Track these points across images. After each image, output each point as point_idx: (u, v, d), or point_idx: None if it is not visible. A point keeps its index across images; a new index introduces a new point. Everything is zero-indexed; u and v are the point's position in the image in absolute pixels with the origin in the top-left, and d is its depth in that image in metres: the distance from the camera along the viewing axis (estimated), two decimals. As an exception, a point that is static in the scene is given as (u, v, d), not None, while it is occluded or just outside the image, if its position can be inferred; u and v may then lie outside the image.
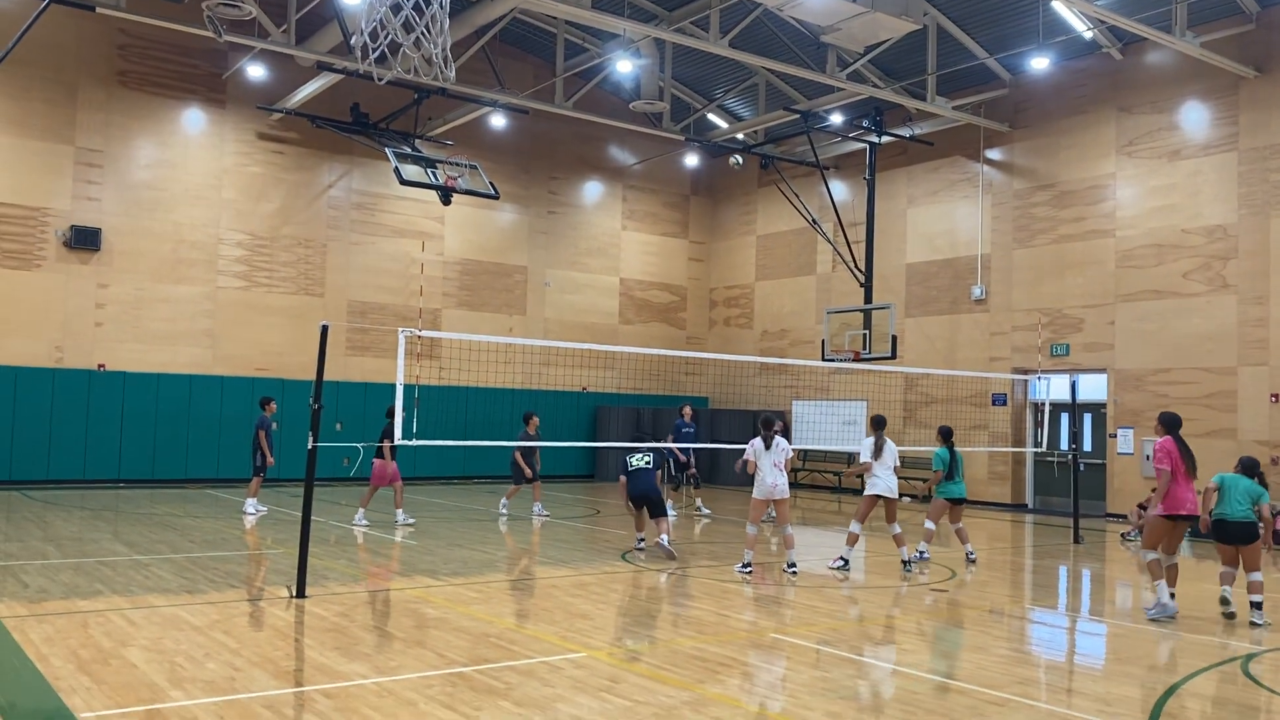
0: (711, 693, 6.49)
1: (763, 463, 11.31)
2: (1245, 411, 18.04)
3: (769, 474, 11.28)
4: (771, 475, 11.28)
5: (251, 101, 22.28)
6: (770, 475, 11.28)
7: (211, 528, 14.35)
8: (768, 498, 11.33)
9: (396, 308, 23.99)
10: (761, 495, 11.34)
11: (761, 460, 11.32)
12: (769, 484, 11.27)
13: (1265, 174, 17.99)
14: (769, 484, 11.27)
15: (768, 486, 11.28)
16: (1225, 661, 7.75)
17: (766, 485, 11.27)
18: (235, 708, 5.84)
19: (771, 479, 11.26)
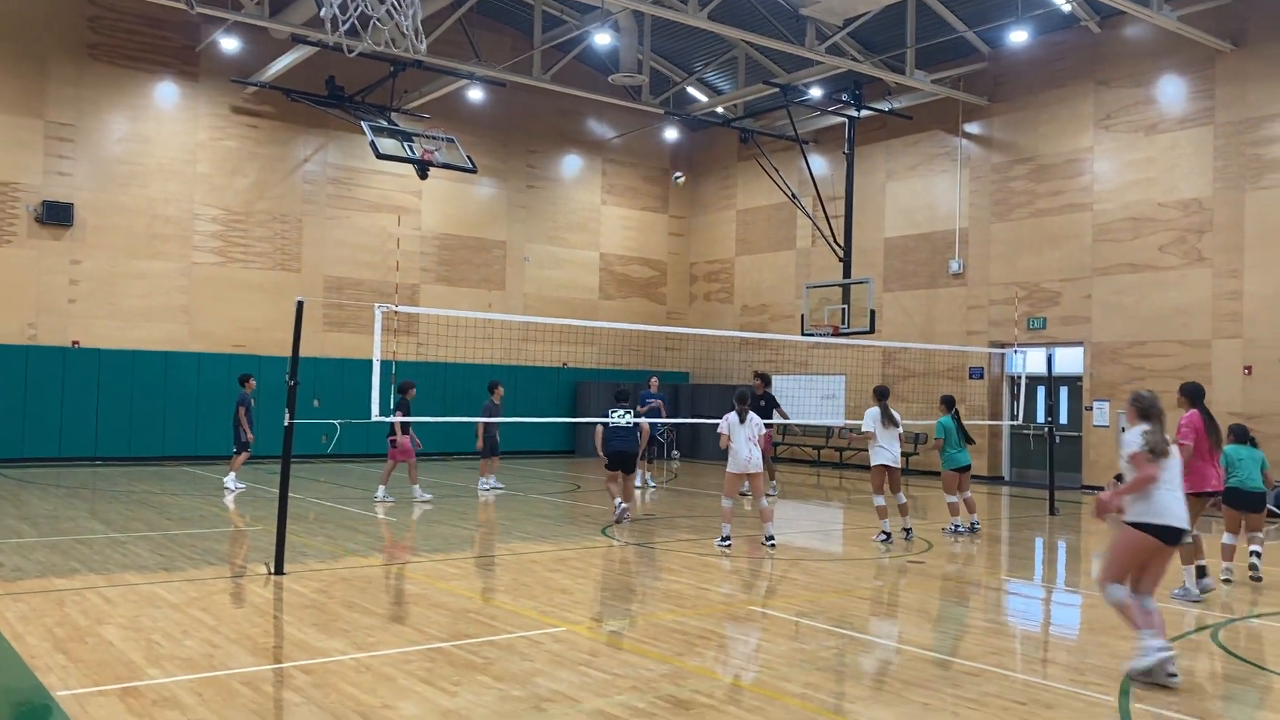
0: (691, 665, 6.53)
1: (737, 437, 11.36)
2: (1219, 384, 18.21)
3: (743, 448, 11.31)
4: (746, 449, 11.31)
5: (225, 75, 22.00)
6: (745, 449, 11.30)
7: (189, 505, 14.29)
8: (742, 472, 11.38)
9: (374, 283, 23.85)
10: (736, 469, 11.38)
11: (736, 435, 11.37)
12: (743, 458, 11.30)
13: (1240, 148, 18.09)
14: (743, 458, 11.30)
15: (742, 460, 11.30)
16: (1196, 630, 7.86)
17: (741, 459, 11.30)
18: (213, 685, 5.83)
19: (746, 453, 11.29)
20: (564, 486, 18.73)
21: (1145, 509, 6.39)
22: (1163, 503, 6.40)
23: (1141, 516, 6.39)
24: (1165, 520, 6.35)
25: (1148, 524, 6.37)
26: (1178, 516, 6.40)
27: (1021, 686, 6.23)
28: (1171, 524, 6.35)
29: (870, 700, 5.87)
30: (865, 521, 14.86)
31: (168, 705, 5.43)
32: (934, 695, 5.97)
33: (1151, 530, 6.36)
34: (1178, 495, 6.49)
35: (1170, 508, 6.39)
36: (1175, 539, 6.41)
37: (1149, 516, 6.38)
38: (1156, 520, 6.37)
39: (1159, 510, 6.36)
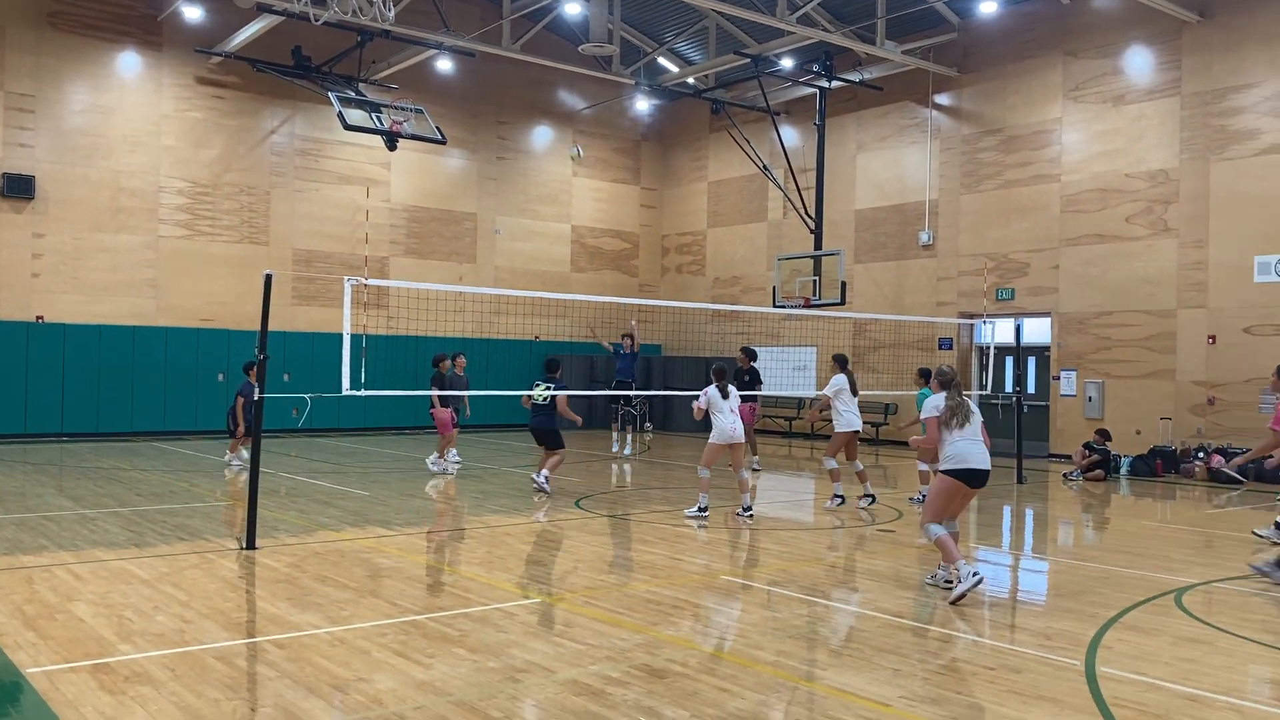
0: (665, 635, 6.58)
1: (721, 409, 11.42)
2: (1184, 353, 18.47)
3: (728, 420, 11.40)
4: (730, 421, 11.39)
5: (189, 44, 21.64)
6: (729, 421, 11.39)
7: (158, 480, 14.18)
8: (726, 442, 11.44)
9: (343, 256, 23.65)
10: (721, 440, 11.44)
11: (720, 407, 11.43)
12: (729, 429, 11.38)
13: (1206, 119, 18.24)
14: (729, 429, 11.38)
15: (727, 432, 11.38)
16: (1160, 595, 8.00)
17: (726, 430, 11.37)
18: (186, 660, 5.81)
19: (730, 425, 11.38)
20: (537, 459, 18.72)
21: (946, 457, 7.86)
22: (963, 451, 7.81)
23: (948, 464, 7.83)
24: (968, 465, 7.81)
25: (953, 470, 7.80)
26: (977, 459, 7.84)
27: (990, 652, 6.33)
28: (972, 467, 7.81)
29: (841, 667, 5.94)
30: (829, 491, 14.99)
31: (140, 681, 5.41)
32: (904, 661, 6.06)
33: (957, 475, 7.81)
34: (979, 445, 7.90)
35: (970, 453, 7.83)
36: (979, 481, 7.87)
37: (954, 464, 7.81)
38: (960, 465, 7.79)
39: (961, 457, 7.80)
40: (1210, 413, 18.05)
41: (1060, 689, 5.55)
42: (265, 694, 5.32)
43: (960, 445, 7.83)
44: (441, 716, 4.98)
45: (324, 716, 4.98)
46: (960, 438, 7.84)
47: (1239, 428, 17.57)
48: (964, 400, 8.01)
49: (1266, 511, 13.43)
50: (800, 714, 5.19)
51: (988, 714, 5.14)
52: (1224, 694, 5.55)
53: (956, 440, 7.84)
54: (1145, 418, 18.88)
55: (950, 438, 7.86)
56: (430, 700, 5.22)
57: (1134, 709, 5.25)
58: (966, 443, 7.84)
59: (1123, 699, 5.40)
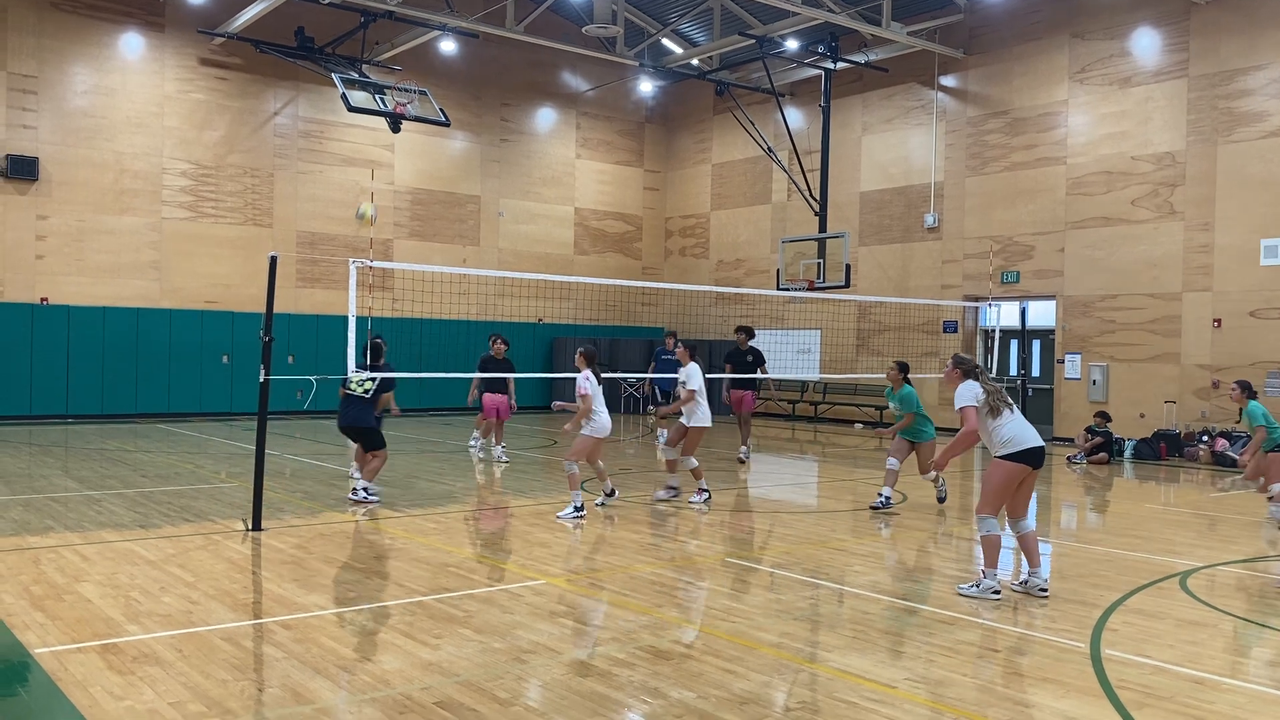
0: (669, 616, 6.60)
1: (598, 399, 10.34)
2: (1189, 336, 18.43)
3: (605, 412, 10.38)
4: (607, 413, 10.41)
5: (192, 25, 21.56)
6: (607, 414, 10.41)
7: (164, 462, 14.22)
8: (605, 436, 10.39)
9: (346, 238, 23.63)
10: (602, 435, 10.36)
11: (597, 397, 10.34)
12: (607, 423, 10.37)
13: (1214, 101, 18.14)
14: (607, 423, 10.37)
15: (608, 425, 10.38)
16: (1164, 578, 8.01)
17: (607, 424, 10.37)
18: (193, 640, 5.84)
19: (609, 417, 10.39)
20: (540, 442, 18.78)
21: (1003, 441, 7.35)
22: (1019, 433, 7.35)
23: (1006, 448, 7.34)
24: (1027, 445, 7.33)
25: (1012, 454, 7.32)
26: (1033, 439, 7.38)
27: (995, 634, 6.34)
28: (1031, 446, 7.34)
29: (845, 649, 5.96)
30: (840, 475, 15.02)
31: (148, 661, 5.44)
32: (908, 643, 6.07)
33: (1018, 457, 7.31)
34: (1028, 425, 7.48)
35: (1026, 434, 7.38)
36: (1038, 461, 7.38)
37: (1013, 446, 7.32)
38: (1019, 448, 7.31)
39: (1018, 439, 7.34)
40: (1215, 396, 18.02)
41: (1065, 671, 5.56)
42: (272, 674, 5.35)
43: (1013, 427, 7.36)
44: (448, 697, 5.00)
45: (331, 697, 5.01)
46: (1009, 419, 7.37)
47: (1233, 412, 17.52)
48: (995, 383, 7.62)
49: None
50: (805, 695, 5.20)
51: (993, 696, 5.16)
52: (1228, 676, 5.56)
53: (1006, 423, 7.35)
54: (1150, 401, 18.86)
55: (998, 422, 7.36)
56: (437, 681, 5.24)
57: (1139, 691, 5.26)
58: (1018, 423, 7.40)
59: (1127, 681, 5.41)
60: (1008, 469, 7.33)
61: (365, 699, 4.99)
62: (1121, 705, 5.04)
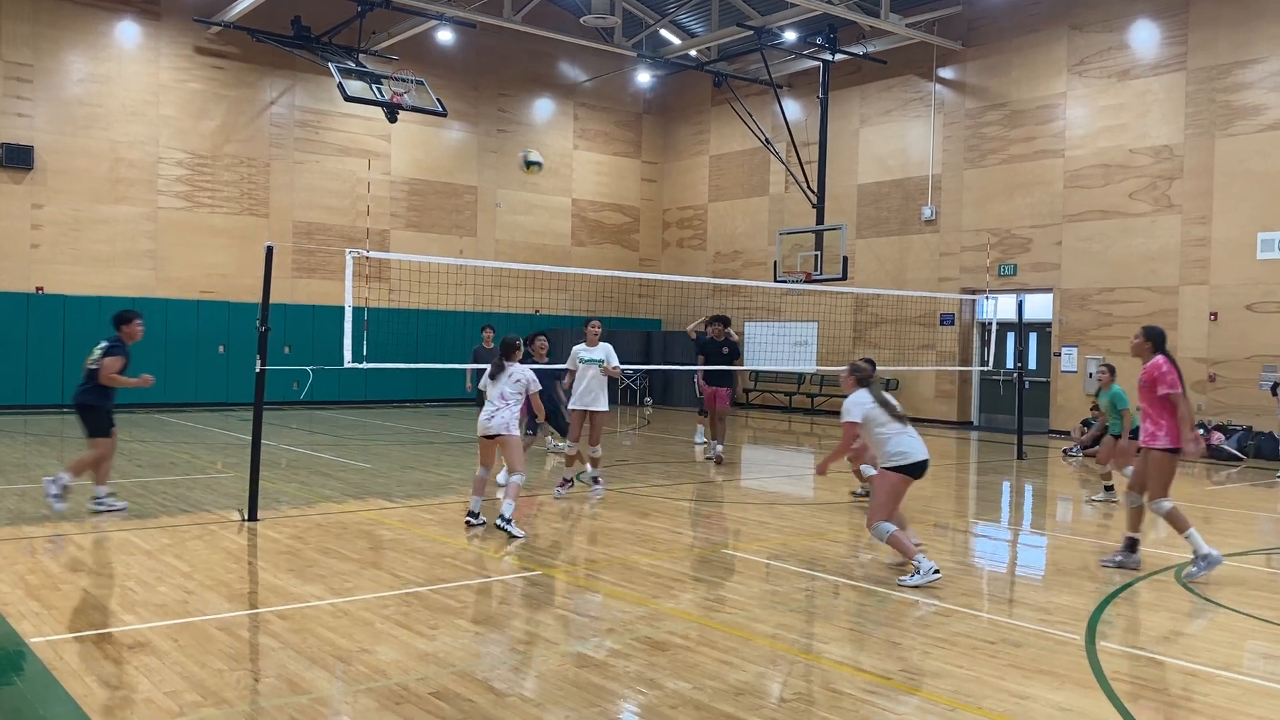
0: (666, 607, 6.60)
1: (489, 393, 9.21)
2: (1185, 330, 18.44)
3: (487, 409, 9.14)
4: (489, 411, 9.09)
5: (187, 14, 21.49)
6: (488, 411, 9.09)
7: (159, 451, 14.20)
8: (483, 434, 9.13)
9: (343, 229, 23.58)
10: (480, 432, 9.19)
11: (489, 391, 9.24)
12: (483, 420, 9.11)
13: (1212, 94, 18.13)
14: (483, 420, 9.11)
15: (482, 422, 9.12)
16: (1159, 570, 8.02)
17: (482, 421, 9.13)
18: (189, 630, 5.83)
19: (487, 414, 9.08)
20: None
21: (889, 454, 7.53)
22: (906, 446, 7.52)
23: (893, 460, 7.52)
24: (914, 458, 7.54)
25: (898, 466, 7.51)
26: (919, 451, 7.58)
27: (989, 626, 6.35)
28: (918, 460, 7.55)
29: (841, 640, 5.97)
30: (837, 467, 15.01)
31: (143, 651, 5.43)
32: (904, 634, 6.08)
33: (904, 469, 7.52)
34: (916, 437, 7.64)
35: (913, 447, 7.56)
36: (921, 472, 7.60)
37: (900, 460, 7.51)
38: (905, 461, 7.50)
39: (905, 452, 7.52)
40: (1211, 389, 18.05)
41: (1060, 663, 5.57)
42: (268, 664, 5.35)
43: (902, 440, 7.51)
44: (444, 687, 5.00)
45: (327, 687, 5.01)
46: (899, 432, 7.52)
47: (1239, 405, 17.58)
48: (885, 395, 7.74)
49: (1266, 489, 13.47)
50: (800, 686, 5.21)
51: (988, 687, 5.16)
52: (1222, 669, 5.58)
53: (895, 435, 7.50)
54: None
55: (887, 433, 7.50)
56: (433, 671, 5.24)
57: (1133, 683, 5.28)
58: (906, 437, 7.53)
59: (1122, 673, 5.43)
60: (893, 480, 7.54)
61: (361, 689, 4.99)
62: (1116, 697, 5.05)
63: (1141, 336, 8.05)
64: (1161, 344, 8.05)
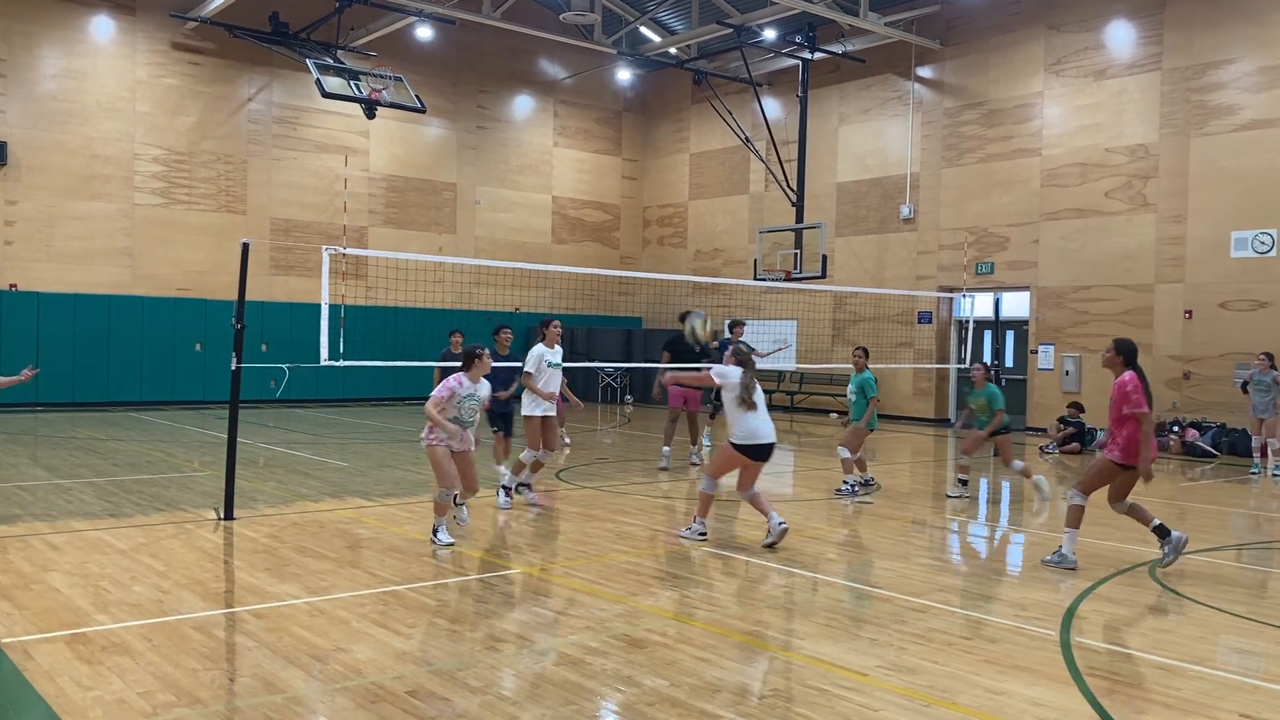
0: (644, 605, 6.60)
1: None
2: (1161, 327, 18.60)
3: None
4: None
5: (164, 9, 21.32)
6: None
7: (135, 450, 14.09)
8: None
9: (321, 225, 23.46)
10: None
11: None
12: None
13: (1186, 94, 18.28)
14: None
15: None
16: (1134, 566, 8.09)
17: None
18: (163, 630, 5.79)
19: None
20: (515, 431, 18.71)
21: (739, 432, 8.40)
22: (754, 427, 8.37)
23: (740, 439, 8.39)
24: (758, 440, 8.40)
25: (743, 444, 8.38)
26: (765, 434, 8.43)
27: (966, 622, 6.38)
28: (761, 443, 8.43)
29: (819, 637, 5.98)
30: (815, 464, 15.08)
31: (117, 651, 5.39)
32: (881, 631, 6.10)
33: (746, 450, 8.40)
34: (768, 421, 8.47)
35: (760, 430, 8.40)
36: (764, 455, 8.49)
37: (746, 440, 8.38)
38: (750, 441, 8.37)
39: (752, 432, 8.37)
40: (1186, 387, 18.21)
41: (1035, 659, 5.61)
42: (244, 664, 5.31)
43: (753, 422, 8.37)
44: (420, 686, 4.98)
45: (303, 686, 4.98)
46: (752, 416, 8.38)
47: (1214, 402, 17.74)
48: (754, 381, 8.48)
49: (1239, 485, 13.60)
50: (778, 683, 5.22)
51: (963, 683, 5.19)
52: (1195, 663, 5.63)
53: (749, 418, 8.37)
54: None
55: (743, 415, 8.37)
56: (410, 670, 5.22)
57: (1108, 678, 5.32)
58: (757, 421, 8.38)
59: (1097, 668, 5.46)
60: (733, 455, 8.46)
61: (337, 688, 4.96)
62: (1090, 692, 5.09)
63: (1113, 350, 7.95)
64: (1133, 359, 7.94)
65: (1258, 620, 6.61)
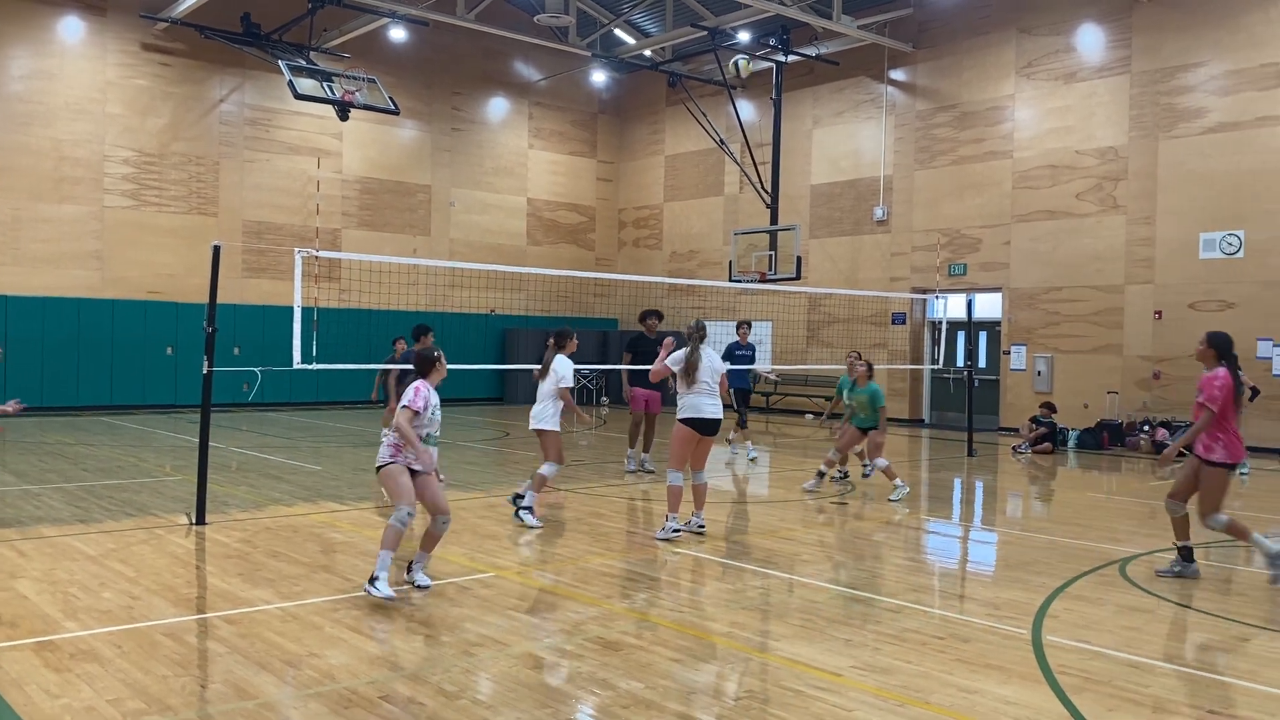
0: (619, 608, 6.60)
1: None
2: (1130, 328, 18.79)
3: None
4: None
5: (134, 10, 21.12)
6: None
7: (105, 455, 13.95)
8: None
9: (294, 228, 23.30)
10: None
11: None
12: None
13: (1155, 97, 18.48)
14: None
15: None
16: (1105, 565, 8.17)
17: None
18: (134, 637, 5.73)
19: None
20: (493, 434, 18.69)
21: (682, 408, 8.82)
22: (695, 403, 8.77)
23: (682, 413, 8.81)
24: (700, 415, 8.79)
25: (687, 419, 8.80)
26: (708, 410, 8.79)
27: (939, 622, 6.42)
28: (703, 417, 8.81)
29: (794, 638, 6.00)
30: (791, 465, 15.13)
31: (86, 658, 5.33)
32: (855, 632, 6.13)
33: (690, 423, 8.79)
34: (713, 398, 8.82)
35: (701, 405, 8.78)
36: (709, 429, 8.83)
37: (687, 413, 8.79)
38: (693, 415, 8.78)
39: (693, 408, 8.78)
40: (1156, 387, 18.40)
41: (1007, 657, 5.65)
42: (215, 670, 5.27)
43: (692, 399, 8.80)
44: (393, 691, 4.96)
45: (275, 692, 4.95)
46: (691, 391, 8.80)
47: (1184, 401, 17.93)
48: (701, 357, 8.82)
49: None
50: (753, 685, 5.23)
51: (936, 682, 5.22)
52: (1165, 660, 5.69)
53: (688, 394, 8.81)
54: (1093, 391, 19.21)
55: (684, 390, 8.82)
56: (383, 675, 5.20)
57: (1078, 676, 5.36)
58: (697, 397, 8.78)
59: (1068, 666, 5.51)
60: (682, 431, 8.82)
61: (310, 694, 4.93)
62: (1061, 690, 5.14)
63: (1205, 343, 7.61)
64: (1226, 351, 7.54)
65: (1225, 617, 6.69)
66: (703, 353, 8.88)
